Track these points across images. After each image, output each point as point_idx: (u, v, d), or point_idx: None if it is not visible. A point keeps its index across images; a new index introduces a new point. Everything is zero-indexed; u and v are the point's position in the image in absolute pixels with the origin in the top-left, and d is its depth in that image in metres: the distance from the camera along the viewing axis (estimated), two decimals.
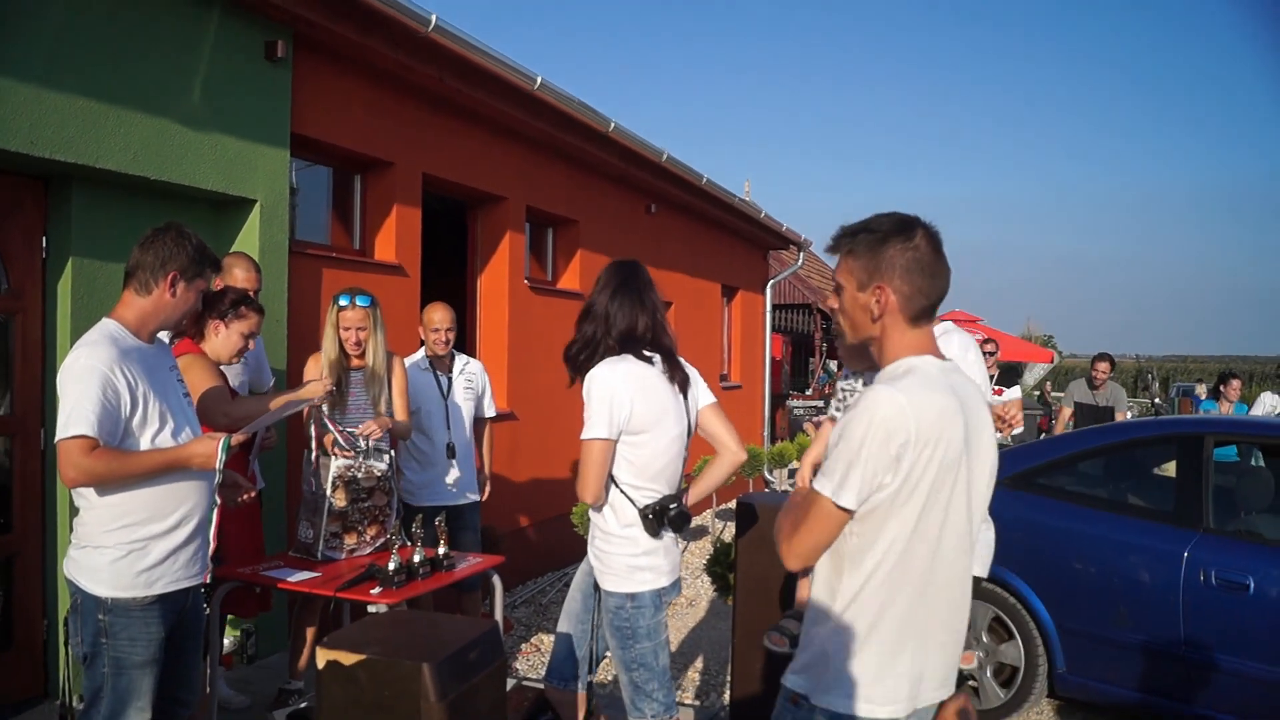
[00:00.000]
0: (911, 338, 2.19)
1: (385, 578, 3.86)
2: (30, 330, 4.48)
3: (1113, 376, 10.25)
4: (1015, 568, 5.14)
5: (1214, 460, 4.92)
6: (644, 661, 3.07)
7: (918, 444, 2.04)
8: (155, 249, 3.07)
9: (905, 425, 2.03)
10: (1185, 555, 4.62)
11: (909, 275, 2.15)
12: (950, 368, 2.22)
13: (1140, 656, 4.72)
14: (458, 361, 5.61)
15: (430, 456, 5.38)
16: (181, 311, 3.17)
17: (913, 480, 2.06)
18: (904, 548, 2.10)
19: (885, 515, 2.08)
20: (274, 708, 4.64)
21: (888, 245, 2.15)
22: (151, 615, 3.02)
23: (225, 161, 5.00)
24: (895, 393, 2.06)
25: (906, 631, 2.14)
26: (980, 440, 2.20)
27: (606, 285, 3.36)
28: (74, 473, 2.84)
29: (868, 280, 2.18)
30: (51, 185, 4.54)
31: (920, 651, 2.17)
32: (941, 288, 2.20)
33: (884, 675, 2.13)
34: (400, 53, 5.81)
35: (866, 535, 2.11)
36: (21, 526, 4.49)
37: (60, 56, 4.16)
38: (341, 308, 4.62)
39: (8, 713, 4.42)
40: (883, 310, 2.17)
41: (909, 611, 2.14)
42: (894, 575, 2.11)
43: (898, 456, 2.03)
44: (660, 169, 9.39)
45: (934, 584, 2.15)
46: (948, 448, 2.08)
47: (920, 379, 2.12)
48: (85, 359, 2.89)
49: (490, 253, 7.82)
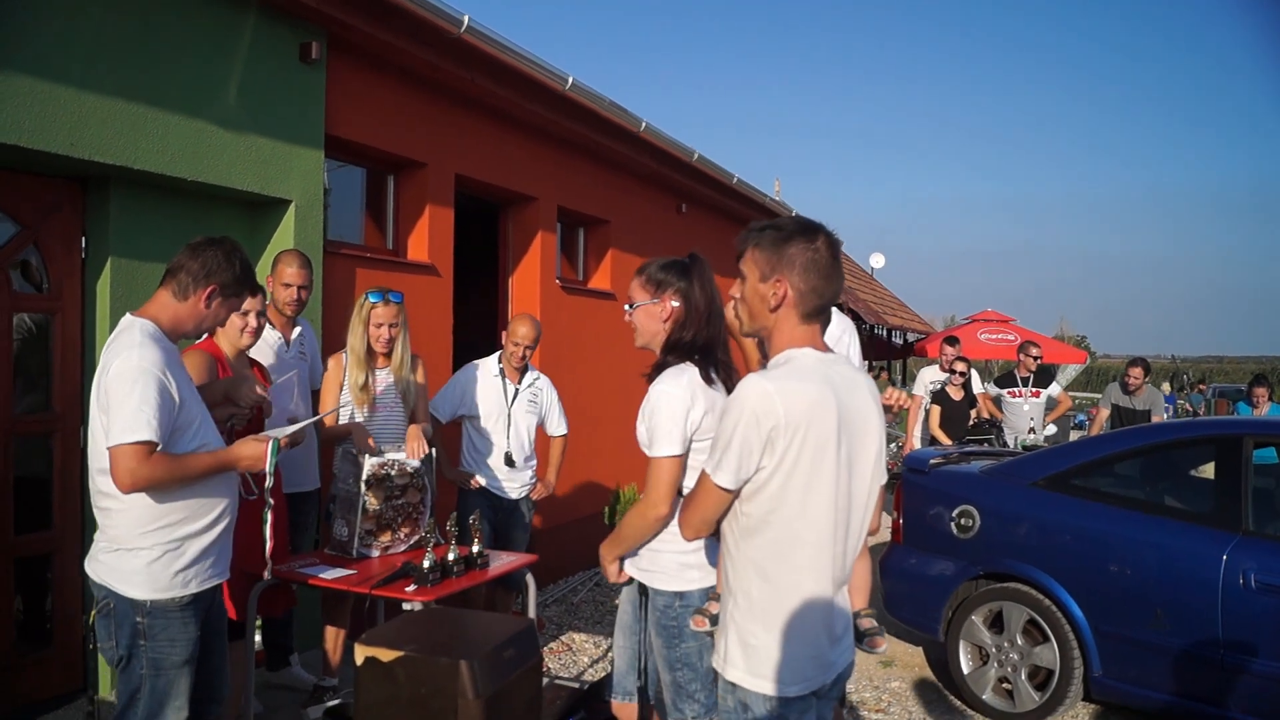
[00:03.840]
0: (800, 332, 2.36)
1: (420, 575, 3.88)
2: (70, 329, 4.55)
3: (1148, 379, 10.09)
4: (1050, 569, 5.11)
5: (1254, 462, 4.86)
6: (688, 661, 3.06)
7: (788, 429, 2.20)
8: (203, 258, 3.08)
9: (773, 411, 2.20)
10: (1224, 558, 4.57)
11: (806, 273, 2.32)
12: (832, 359, 2.38)
13: (1177, 660, 4.67)
14: (528, 375, 5.64)
15: (485, 458, 5.44)
16: (209, 325, 3.21)
17: (788, 463, 2.22)
18: (788, 528, 2.26)
19: (768, 496, 2.26)
20: (308, 704, 4.68)
21: (791, 243, 2.33)
22: (189, 615, 3.04)
23: (260, 162, 5.04)
24: (765, 382, 2.24)
25: (802, 611, 2.29)
26: (861, 426, 2.35)
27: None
28: (131, 478, 2.83)
29: (769, 272, 2.35)
30: (90, 186, 4.60)
31: (815, 630, 2.31)
32: (834, 290, 2.37)
33: (784, 653, 2.28)
34: (433, 54, 5.84)
35: (754, 515, 2.29)
36: (61, 524, 4.55)
37: (99, 60, 4.22)
38: (373, 304, 4.65)
39: (48, 708, 4.48)
40: (779, 302, 2.34)
41: (801, 590, 2.29)
42: (782, 554, 2.28)
43: (769, 440, 2.21)
44: (691, 169, 9.39)
45: (821, 564, 2.30)
46: (819, 432, 2.23)
47: (794, 369, 2.30)
48: (138, 360, 2.87)
49: (522, 252, 7.84)
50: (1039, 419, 9.99)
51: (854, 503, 2.37)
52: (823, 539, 2.29)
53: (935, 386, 9.91)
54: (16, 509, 4.42)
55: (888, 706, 5.50)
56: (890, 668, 6.16)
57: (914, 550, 5.80)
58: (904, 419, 10.66)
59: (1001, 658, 5.30)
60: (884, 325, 22.76)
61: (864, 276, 25.57)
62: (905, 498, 5.93)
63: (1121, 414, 9.87)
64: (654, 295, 3.08)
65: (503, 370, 5.51)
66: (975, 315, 19.83)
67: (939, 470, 5.91)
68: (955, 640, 5.47)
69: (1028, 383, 10.06)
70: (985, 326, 18.64)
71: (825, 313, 2.40)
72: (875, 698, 5.62)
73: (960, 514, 5.50)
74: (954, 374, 9.63)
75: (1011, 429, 9.95)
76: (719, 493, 2.30)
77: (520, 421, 5.52)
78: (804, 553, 2.28)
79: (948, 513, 5.57)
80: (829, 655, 2.37)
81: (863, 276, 25.35)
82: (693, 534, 2.43)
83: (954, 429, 9.42)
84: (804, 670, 2.31)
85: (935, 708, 5.53)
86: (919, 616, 5.76)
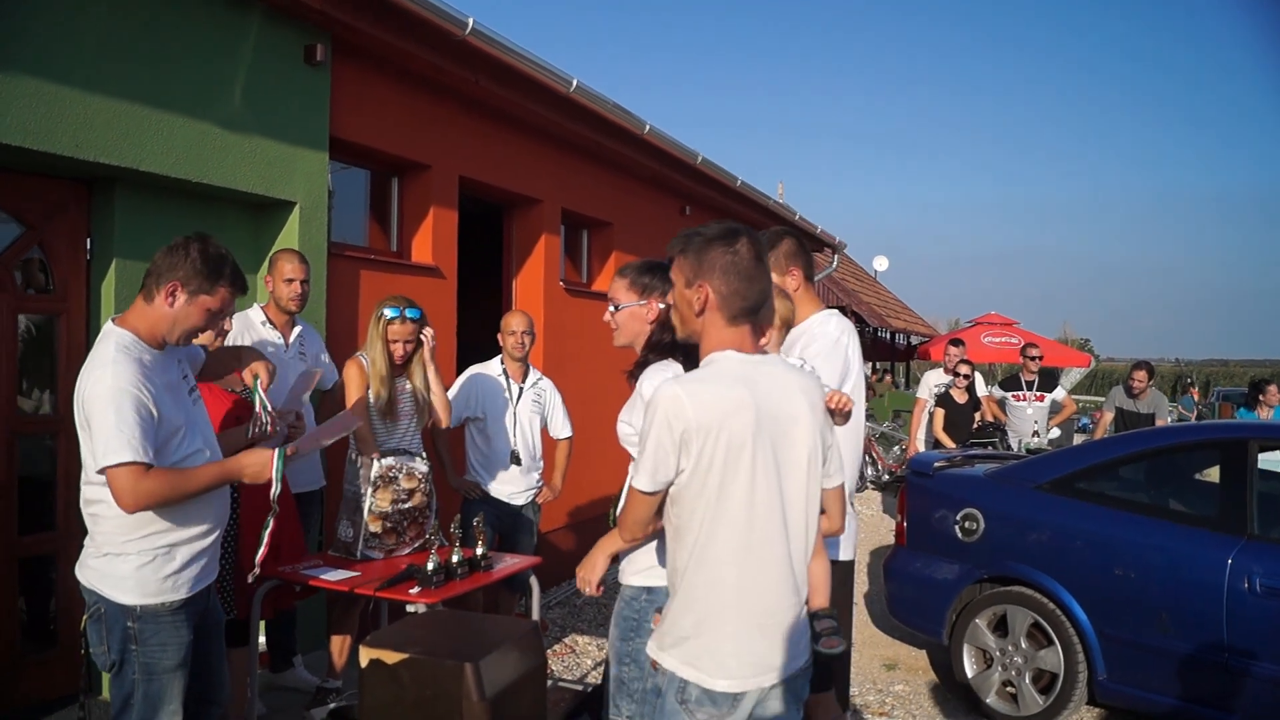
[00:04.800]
0: (726, 335, 2.40)
1: (424, 578, 3.88)
2: (74, 330, 4.55)
3: (1152, 383, 10.08)
4: (1054, 573, 5.10)
5: (1259, 466, 4.85)
6: (637, 658, 3.01)
7: (700, 431, 2.24)
8: (165, 257, 3.01)
9: (683, 414, 2.25)
10: (1229, 562, 4.56)
11: (726, 276, 2.37)
12: (758, 360, 2.41)
13: (1182, 664, 4.66)
14: (531, 375, 5.66)
15: (491, 460, 5.45)
16: (187, 325, 3.05)
17: (704, 465, 2.26)
18: (710, 529, 2.29)
19: (690, 498, 2.30)
20: (312, 706, 4.68)
21: (711, 248, 2.40)
22: (180, 619, 3.02)
23: (265, 164, 5.04)
24: (675, 387, 2.29)
25: (732, 609, 2.32)
26: (787, 425, 2.37)
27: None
28: (132, 499, 2.81)
29: (692, 278, 2.41)
30: (95, 188, 4.60)
31: (746, 630, 2.33)
32: (759, 292, 2.41)
33: (715, 648, 2.31)
34: (437, 56, 5.84)
35: (681, 516, 2.33)
36: (64, 525, 4.55)
37: (104, 62, 4.22)
38: (390, 320, 4.61)
39: (52, 709, 4.48)
40: (703, 306, 2.39)
41: (729, 590, 2.31)
42: (708, 555, 2.30)
43: (682, 442, 2.26)
44: (695, 171, 9.38)
45: (749, 566, 2.31)
46: (732, 434, 2.26)
47: (711, 372, 2.35)
48: (112, 380, 2.82)
49: (526, 255, 7.84)
50: (1043, 422, 9.99)
51: (789, 502, 2.38)
52: (750, 539, 2.31)
53: (939, 389, 9.91)
54: (20, 510, 4.42)
55: (891, 710, 5.49)
56: (894, 671, 6.15)
57: (918, 553, 5.79)
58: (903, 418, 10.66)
59: (1006, 661, 5.30)
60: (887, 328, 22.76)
61: (867, 279, 25.56)
62: (909, 501, 5.92)
63: (1125, 418, 9.87)
64: (641, 297, 3.12)
65: (506, 371, 5.52)
66: (979, 318, 19.82)
67: (943, 473, 5.90)
68: (959, 644, 5.47)
69: (1032, 386, 10.06)
70: (989, 330, 18.64)
71: (753, 314, 2.43)
72: (879, 701, 5.61)
73: (964, 517, 5.50)
74: (958, 377, 9.62)
75: (1015, 432, 9.95)
76: (640, 496, 2.36)
77: (525, 421, 5.53)
78: (726, 553, 2.31)
79: (952, 516, 5.56)
80: (768, 657, 2.36)
81: (866, 279, 25.35)
82: (629, 535, 2.52)
83: (958, 432, 9.42)
84: (730, 667, 2.32)
85: (939, 711, 5.52)
86: (923, 620, 5.75)
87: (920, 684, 5.93)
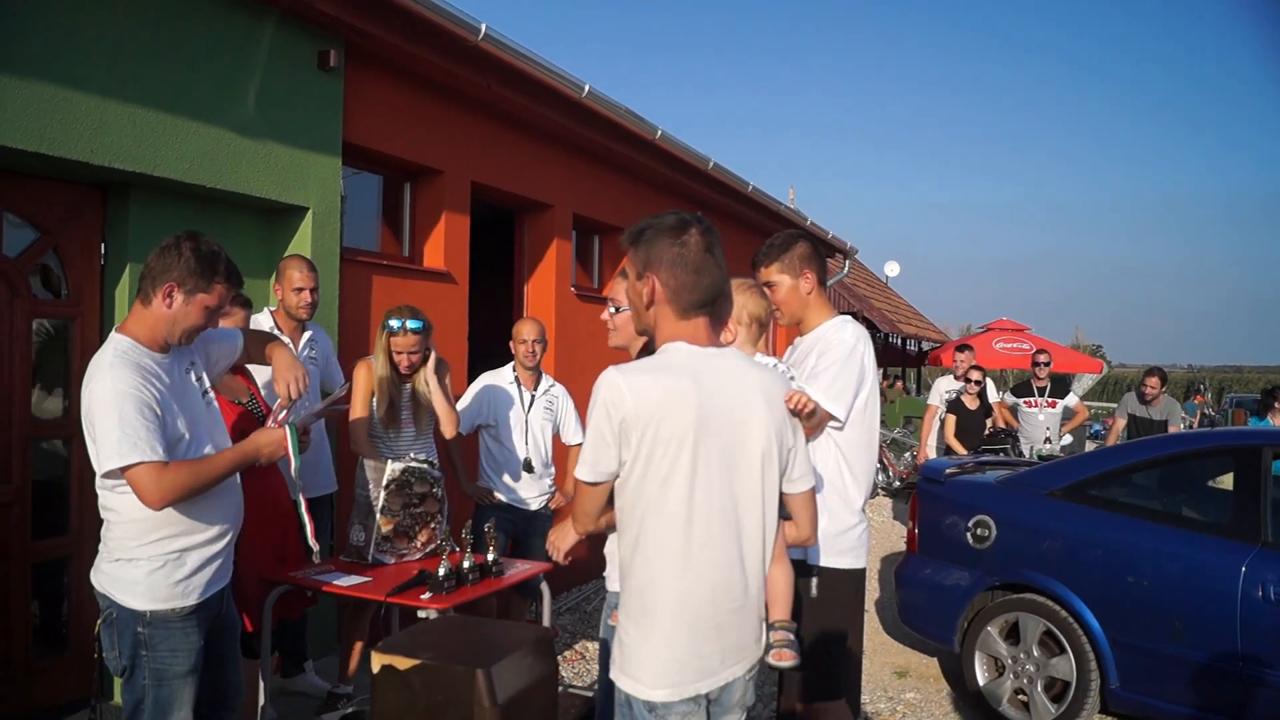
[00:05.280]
0: (678, 328, 2.35)
1: (435, 583, 3.88)
2: (89, 335, 4.57)
3: (1164, 389, 10.02)
4: (1067, 580, 5.08)
5: (1274, 473, 4.83)
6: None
7: (639, 422, 2.19)
8: (159, 258, 2.99)
9: (622, 404, 2.19)
10: (1243, 569, 4.54)
11: (674, 269, 2.31)
12: (711, 353, 2.34)
13: (1195, 672, 4.63)
14: (543, 382, 5.67)
15: (504, 466, 5.46)
16: (187, 324, 3.02)
17: (643, 457, 2.21)
18: (649, 524, 2.24)
19: (632, 491, 2.25)
20: (323, 711, 4.68)
21: (660, 240, 2.34)
22: (191, 625, 3.01)
23: (278, 170, 5.06)
24: (616, 376, 2.23)
25: (674, 612, 2.24)
26: (739, 421, 2.30)
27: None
28: (158, 495, 2.81)
29: (642, 270, 2.37)
30: (110, 193, 4.63)
31: (682, 634, 2.24)
32: (709, 284, 2.33)
33: (652, 654, 2.24)
34: (450, 62, 5.86)
35: (624, 510, 2.29)
36: (77, 529, 4.57)
37: (119, 68, 4.25)
38: (393, 332, 4.63)
39: (65, 712, 4.49)
40: (651, 299, 2.35)
41: (672, 590, 2.24)
42: (649, 552, 2.24)
43: (621, 433, 2.21)
44: (706, 176, 9.39)
45: (692, 565, 2.24)
46: (672, 426, 2.20)
47: (656, 362, 2.31)
48: (110, 384, 2.82)
49: (537, 260, 7.85)
50: (1055, 429, 9.95)
51: (742, 502, 2.30)
52: (689, 538, 2.23)
53: (951, 396, 9.88)
54: (34, 514, 4.43)
55: (902, 717, 5.47)
56: (905, 678, 6.13)
57: (929, 560, 5.78)
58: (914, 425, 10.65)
59: (1017, 669, 5.27)
60: (899, 334, 22.71)
61: (879, 285, 25.53)
62: (921, 507, 5.91)
63: (1138, 424, 9.83)
64: None
65: (518, 379, 5.53)
66: (990, 324, 19.80)
67: (955, 480, 5.89)
68: (971, 651, 5.45)
69: (1044, 392, 10.03)
70: (1000, 335, 18.62)
71: (704, 306, 2.36)
72: (890, 709, 5.60)
73: (976, 524, 5.48)
74: (969, 383, 9.60)
75: (1027, 439, 9.92)
76: (582, 486, 2.33)
77: (538, 428, 5.54)
78: (666, 549, 2.23)
79: (963, 523, 5.55)
80: (711, 662, 2.28)
81: (877, 285, 25.32)
82: (580, 528, 2.48)
83: (969, 438, 9.39)
84: (672, 674, 2.24)
85: (951, 719, 5.50)
86: (934, 627, 5.74)
87: (931, 691, 5.91)
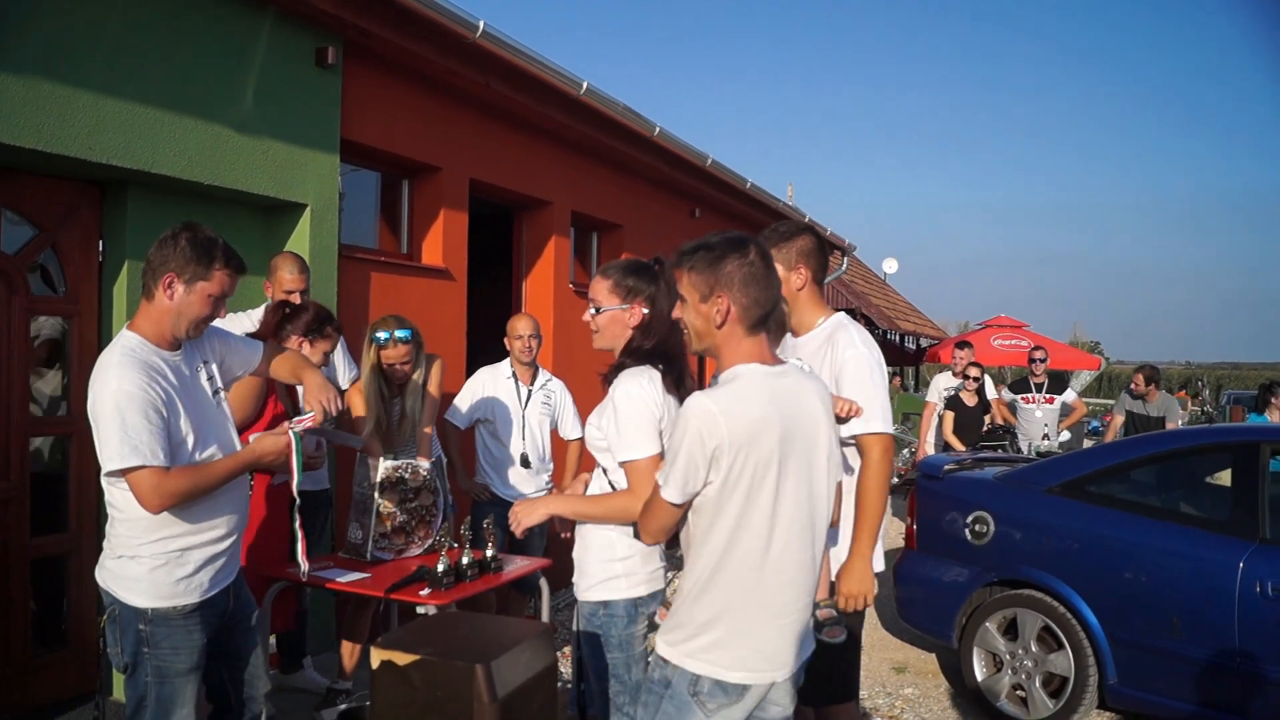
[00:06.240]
0: (746, 346, 2.43)
1: (434, 579, 3.88)
2: (87, 333, 4.57)
3: (1154, 385, 9.92)
4: (1065, 576, 5.09)
5: (1271, 470, 4.83)
6: (615, 673, 2.97)
7: (731, 448, 2.29)
8: (157, 251, 2.98)
9: (717, 431, 2.28)
10: (1241, 566, 4.55)
11: (746, 287, 2.39)
12: (779, 371, 2.44)
13: (1194, 668, 4.64)
14: (540, 377, 5.67)
15: (501, 462, 5.46)
16: (192, 315, 2.99)
17: (733, 479, 2.31)
18: (732, 537, 2.35)
19: (713, 508, 2.35)
20: (322, 707, 4.69)
21: (726, 260, 2.40)
22: (193, 623, 3.00)
23: (276, 167, 5.06)
24: (710, 403, 2.31)
25: (749, 610, 2.38)
26: (811, 432, 2.43)
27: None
28: (157, 499, 2.81)
29: (709, 292, 2.41)
30: (108, 190, 4.62)
31: (763, 629, 2.40)
32: (773, 298, 2.44)
33: (730, 644, 2.38)
34: (448, 59, 5.85)
35: (700, 525, 2.39)
36: (76, 526, 4.57)
37: (117, 65, 4.24)
38: (382, 344, 4.62)
39: (63, 709, 4.50)
40: (724, 319, 2.40)
41: (749, 593, 2.38)
42: (729, 561, 2.36)
43: (713, 458, 2.29)
44: (704, 173, 9.40)
45: (768, 570, 2.37)
46: (761, 450, 2.31)
47: (739, 387, 2.37)
48: (116, 385, 2.81)
49: (535, 257, 7.86)
50: (1053, 425, 9.96)
51: (816, 506, 2.46)
52: (770, 546, 2.36)
53: (949, 392, 9.89)
54: (33, 511, 4.43)
55: (901, 713, 5.48)
56: (904, 674, 6.14)
57: (928, 556, 5.78)
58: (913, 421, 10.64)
59: (1016, 665, 5.28)
60: (897, 331, 22.71)
61: (877, 281, 25.52)
62: (919, 504, 5.91)
63: (1136, 420, 9.83)
64: (624, 301, 3.05)
65: (515, 374, 5.54)
66: (989, 321, 19.79)
67: (953, 476, 5.89)
68: (969, 647, 5.45)
69: (1042, 389, 10.04)
70: (998, 332, 18.61)
71: (768, 322, 2.46)
72: (889, 704, 5.60)
73: (974, 520, 5.49)
74: (968, 380, 9.60)
75: (1025, 435, 9.93)
76: (668, 506, 2.40)
77: (535, 423, 5.54)
78: (747, 559, 2.36)
79: (962, 519, 5.55)
80: (781, 654, 2.43)
81: (876, 281, 25.31)
82: (651, 540, 2.56)
83: (967, 435, 9.40)
84: (746, 661, 2.39)
85: (949, 715, 5.51)
86: (933, 623, 5.74)
87: (930, 687, 5.92)
